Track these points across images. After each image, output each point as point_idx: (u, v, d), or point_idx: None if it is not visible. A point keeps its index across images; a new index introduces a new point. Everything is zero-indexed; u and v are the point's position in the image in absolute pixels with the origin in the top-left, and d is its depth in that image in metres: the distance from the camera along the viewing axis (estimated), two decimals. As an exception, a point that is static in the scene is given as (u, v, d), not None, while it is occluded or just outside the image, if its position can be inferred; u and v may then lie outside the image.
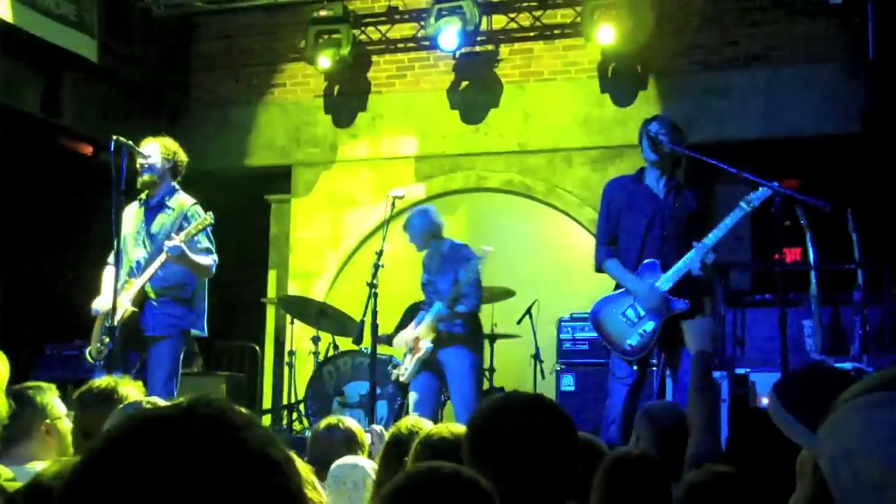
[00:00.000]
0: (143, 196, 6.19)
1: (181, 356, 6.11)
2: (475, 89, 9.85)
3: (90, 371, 5.90)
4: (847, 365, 6.18)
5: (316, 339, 8.47)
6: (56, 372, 7.47)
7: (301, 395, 8.30)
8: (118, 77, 9.76)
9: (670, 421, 3.46)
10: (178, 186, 6.20)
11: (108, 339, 5.72)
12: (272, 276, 10.36)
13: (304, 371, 8.73)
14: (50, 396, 3.69)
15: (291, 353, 8.94)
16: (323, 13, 9.61)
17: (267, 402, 9.72)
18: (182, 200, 6.13)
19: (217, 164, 9.76)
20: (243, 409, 0.96)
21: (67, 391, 4.21)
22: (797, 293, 6.55)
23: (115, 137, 5.71)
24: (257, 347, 9.82)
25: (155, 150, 6.11)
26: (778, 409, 1.17)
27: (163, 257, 5.82)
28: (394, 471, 2.75)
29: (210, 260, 6.03)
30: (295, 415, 8.50)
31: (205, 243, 6.06)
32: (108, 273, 6.07)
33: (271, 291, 10.20)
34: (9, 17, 8.11)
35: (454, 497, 1.69)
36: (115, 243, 5.68)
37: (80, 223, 8.78)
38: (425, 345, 6.71)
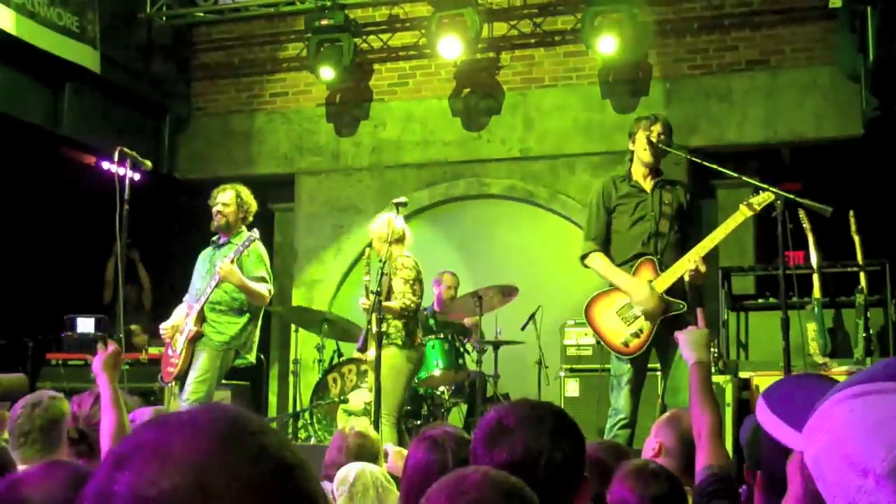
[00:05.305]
0: (214, 239, 6.53)
1: (219, 371, 6.21)
2: (477, 96, 9.86)
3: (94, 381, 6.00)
4: (851, 368, 6.19)
5: (320, 348, 8.49)
6: (60, 382, 7.49)
7: (306, 404, 8.31)
8: (121, 87, 9.79)
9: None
10: (244, 228, 6.49)
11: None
12: (276, 284, 10.35)
13: (308, 379, 8.74)
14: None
15: (296, 361, 8.94)
16: (324, 22, 9.63)
17: (272, 411, 9.72)
18: (243, 234, 6.42)
19: (220, 174, 9.75)
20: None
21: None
22: (800, 296, 6.55)
23: (118, 148, 5.82)
24: (262, 356, 9.81)
25: (230, 198, 6.40)
26: (764, 412, 1.21)
27: (215, 276, 6.14)
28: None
29: (265, 289, 6.30)
30: (301, 423, 8.50)
31: (261, 272, 6.32)
32: (179, 308, 6.47)
33: (275, 300, 10.20)
34: (12, 29, 8.14)
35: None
36: (119, 252, 5.77)
37: (83, 234, 8.79)
38: None
